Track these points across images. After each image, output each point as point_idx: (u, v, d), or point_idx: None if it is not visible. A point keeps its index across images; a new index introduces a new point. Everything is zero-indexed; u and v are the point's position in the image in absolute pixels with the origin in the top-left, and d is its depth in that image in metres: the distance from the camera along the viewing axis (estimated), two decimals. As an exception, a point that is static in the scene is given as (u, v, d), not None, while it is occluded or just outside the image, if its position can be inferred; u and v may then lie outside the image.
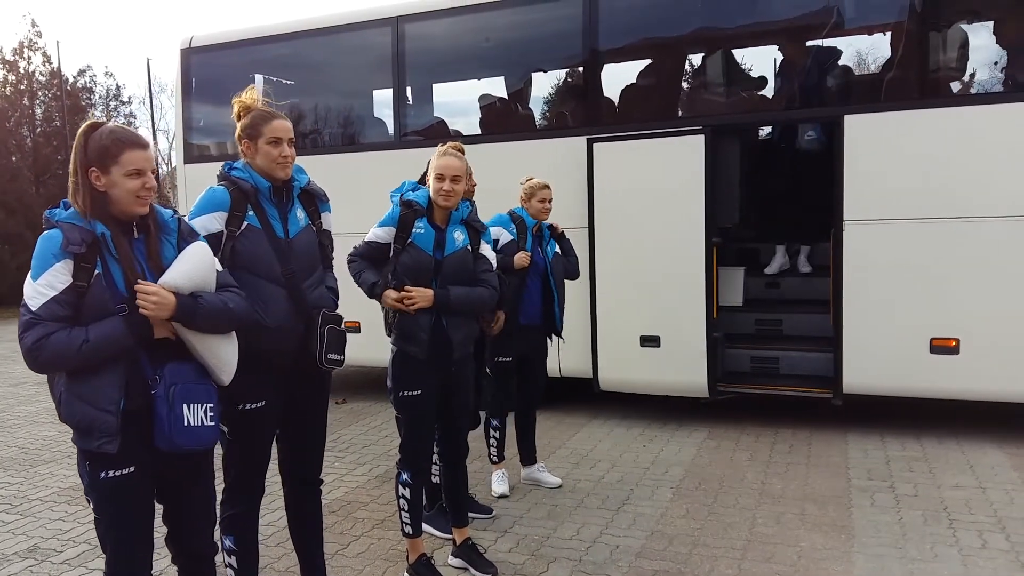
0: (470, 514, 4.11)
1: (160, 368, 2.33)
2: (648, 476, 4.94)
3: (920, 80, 5.50)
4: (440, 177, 3.35)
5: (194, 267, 2.41)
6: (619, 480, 4.89)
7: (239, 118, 2.90)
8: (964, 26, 5.51)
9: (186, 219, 2.70)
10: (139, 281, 2.30)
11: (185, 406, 2.31)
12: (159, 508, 2.53)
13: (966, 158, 5.21)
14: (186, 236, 2.49)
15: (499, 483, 4.69)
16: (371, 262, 3.47)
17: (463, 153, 3.47)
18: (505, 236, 4.53)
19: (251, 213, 2.80)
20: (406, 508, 3.51)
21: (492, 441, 4.72)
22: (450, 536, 3.89)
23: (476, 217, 3.58)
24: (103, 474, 2.32)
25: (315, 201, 3.01)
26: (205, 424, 2.37)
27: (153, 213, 2.41)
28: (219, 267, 2.54)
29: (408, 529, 3.53)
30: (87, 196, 2.32)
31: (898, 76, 5.56)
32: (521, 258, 4.50)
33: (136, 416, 2.30)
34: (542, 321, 4.71)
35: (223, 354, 2.48)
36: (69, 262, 2.24)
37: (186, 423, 2.31)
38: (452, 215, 3.47)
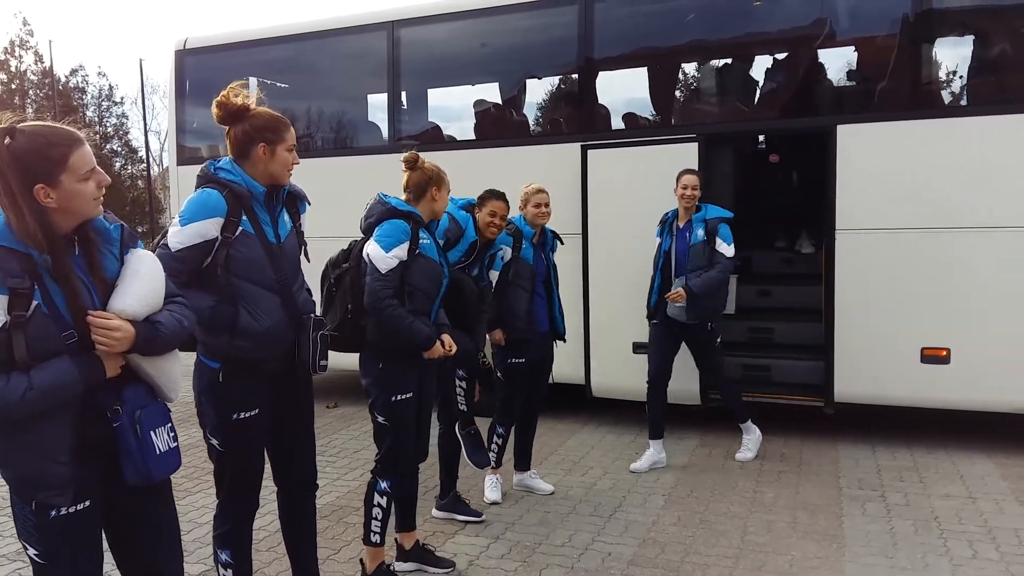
0: (461, 517, 4.35)
1: (115, 394, 2.05)
2: (640, 483, 4.95)
3: (912, 91, 5.54)
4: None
5: (149, 287, 2.11)
6: (611, 487, 4.89)
7: (238, 117, 2.80)
8: (956, 38, 5.56)
9: (176, 223, 2.62)
10: (91, 312, 1.97)
11: (152, 433, 2.08)
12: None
13: (958, 169, 5.24)
14: (127, 243, 2.15)
15: (492, 489, 4.68)
16: (398, 294, 3.32)
17: None
18: (508, 255, 4.47)
19: (244, 218, 2.69)
20: (379, 517, 3.52)
21: (493, 447, 4.69)
22: (478, 519, 4.30)
23: None
24: (53, 513, 2.00)
25: (296, 202, 2.94)
26: (171, 447, 2.14)
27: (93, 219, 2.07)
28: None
29: (376, 538, 3.54)
30: (35, 221, 1.90)
31: (891, 87, 5.60)
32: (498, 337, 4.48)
33: (91, 449, 2.04)
34: (549, 326, 4.73)
35: (173, 371, 2.20)
36: (3, 298, 1.88)
37: (157, 451, 2.08)
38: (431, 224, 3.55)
